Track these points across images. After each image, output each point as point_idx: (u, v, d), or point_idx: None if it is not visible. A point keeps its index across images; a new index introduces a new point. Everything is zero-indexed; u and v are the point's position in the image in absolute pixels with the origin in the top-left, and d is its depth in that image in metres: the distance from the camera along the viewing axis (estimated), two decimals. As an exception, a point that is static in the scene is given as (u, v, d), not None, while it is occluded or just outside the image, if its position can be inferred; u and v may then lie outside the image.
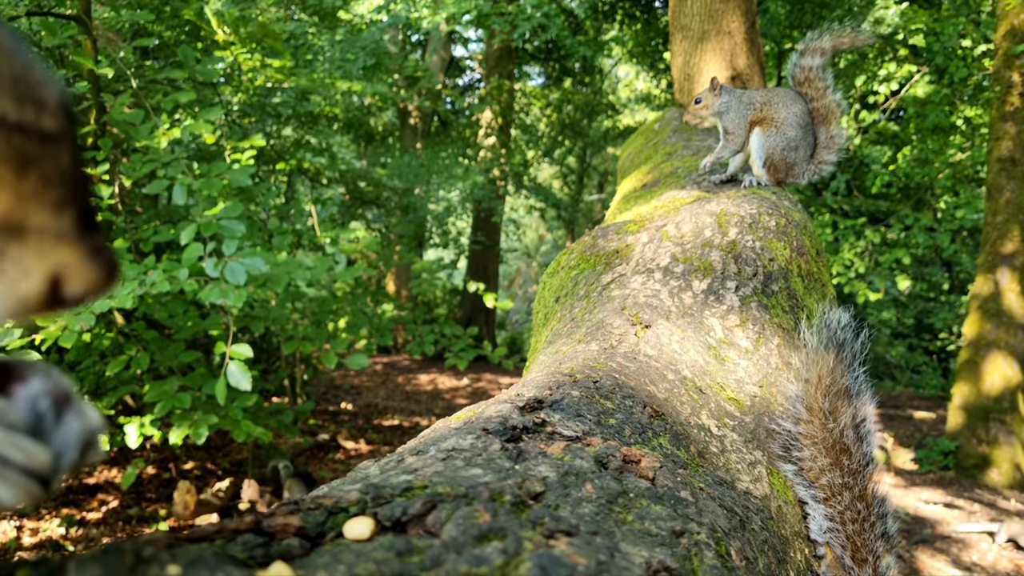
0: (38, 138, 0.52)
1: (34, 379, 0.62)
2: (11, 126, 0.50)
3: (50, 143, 0.53)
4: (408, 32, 15.71)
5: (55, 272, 0.54)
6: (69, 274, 0.55)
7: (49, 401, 0.61)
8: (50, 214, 0.53)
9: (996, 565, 5.42)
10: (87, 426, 0.62)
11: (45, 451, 0.58)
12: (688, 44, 4.93)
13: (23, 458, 0.56)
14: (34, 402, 0.61)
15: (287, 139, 10.03)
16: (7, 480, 0.56)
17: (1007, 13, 7.97)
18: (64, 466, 0.60)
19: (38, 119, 0.52)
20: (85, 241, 0.55)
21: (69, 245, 0.54)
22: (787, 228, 2.34)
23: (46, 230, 0.53)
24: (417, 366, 13.95)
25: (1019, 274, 7.67)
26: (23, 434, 0.58)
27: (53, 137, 0.53)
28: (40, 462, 0.57)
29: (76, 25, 4.63)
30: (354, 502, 0.78)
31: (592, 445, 1.09)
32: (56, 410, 0.61)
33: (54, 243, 0.54)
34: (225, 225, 3.81)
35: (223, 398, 3.65)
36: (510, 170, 15.47)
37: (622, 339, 1.81)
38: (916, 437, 9.49)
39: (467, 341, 6.66)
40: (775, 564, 1.19)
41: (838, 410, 1.60)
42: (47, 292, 0.54)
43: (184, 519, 5.24)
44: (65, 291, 0.55)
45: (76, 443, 0.61)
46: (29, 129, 0.51)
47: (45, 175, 0.53)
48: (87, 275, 0.55)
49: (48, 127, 0.53)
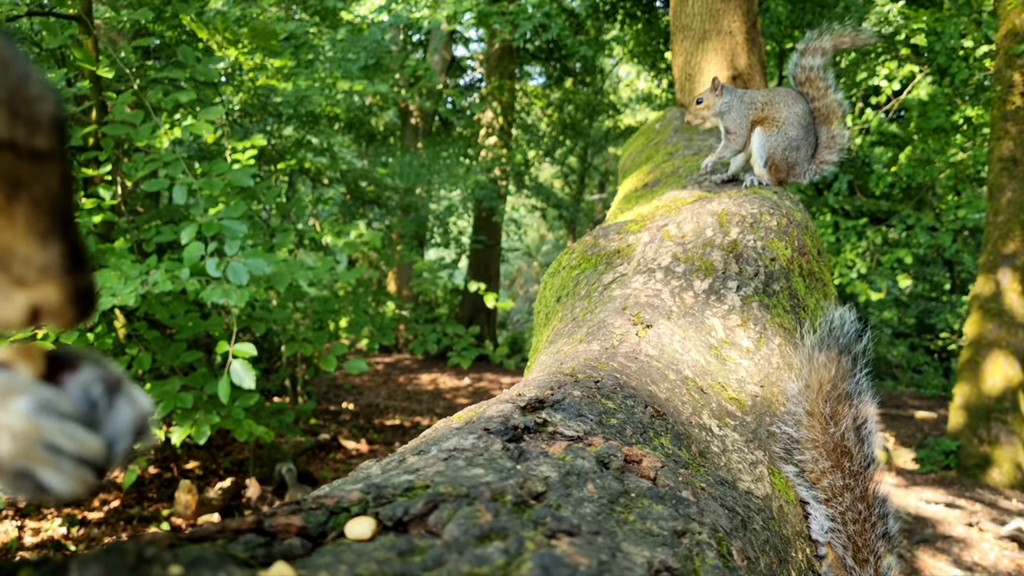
0: (30, 157, 0.51)
1: (85, 367, 0.61)
2: (3, 144, 0.49)
3: (41, 162, 0.52)
4: (409, 32, 15.71)
5: (35, 306, 0.53)
6: (49, 311, 0.54)
7: (101, 388, 0.61)
8: (37, 245, 0.52)
9: (997, 565, 5.42)
10: (139, 411, 0.62)
11: (97, 439, 0.58)
12: (689, 44, 4.93)
13: (76, 447, 0.56)
14: (86, 390, 0.60)
15: (288, 139, 10.04)
16: (61, 470, 0.55)
17: (1008, 13, 7.96)
18: (118, 453, 0.60)
19: (30, 137, 0.51)
20: (69, 279, 0.54)
21: (53, 281, 0.53)
22: (788, 228, 2.34)
23: (31, 261, 0.52)
24: (418, 366, 13.95)
25: (1020, 274, 7.66)
26: (76, 422, 0.57)
27: (44, 156, 0.52)
28: (93, 450, 0.57)
29: (77, 24, 4.63)
30: (356, 502, 0.78)
31: (594, 445, 1.09)
32: (108, 397, 0.61)
33: (38, 277, 0.53)
34: (227, 225, 3.81)
35: (226, 397, 3.65)
36: (511, 170, 15.47)
37: (623, 339, 1.81)
38: (917, 437, 9.48)
39: (469, 340, 6.66)
40: (777, 564, 1.19)
41: (839, 414, 1.60)
42: (27, 318, 0.54)
43: (186, 519, 5.25)
44: (42, 320, 0.55)
45: (129, 430, 0.61)
46: (21, 148, 0.50)
47: (35, 199, 0.51)
48: (66, 315, 0.55)
49: (40, 146, 0.51)
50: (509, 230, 20.75)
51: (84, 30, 4.64)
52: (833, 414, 1.60)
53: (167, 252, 5.30)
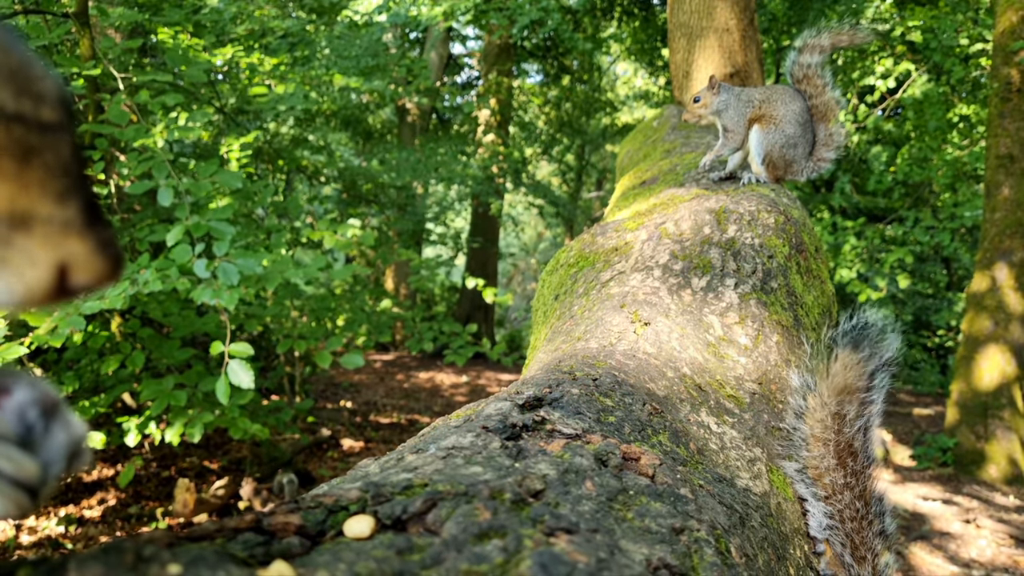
0: (37, 128, 0.52)
1: (20, 390, 0.62)
2: (10, 116, 0.51)
3: (49, 133, 0.53)
4: (407, 30, 15.69)
5: (62, 262, 0.54)
6: (76, 264, 0.55)
7: (37, 411, 0.61)
8: (55, 204, 0.53)
9: (994, 561, 5.43)
10: (74, 436, 0.62)
11: (34, 462, 0.58)
12: (686, 41, 4.92)
13: (12, 469, 0.56)
14: (22, 413, 0.61)
15: (285, 136, 10.02)
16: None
17: (1005, 10, 7.97)
18: (52, 476, 0.60)
19: (36, 110, 0.52)
20: (92, 232, 0.55)
21: (76, 235, 0.54)
22: (786, 225, 2.34)
23: (52, 219, 0.53)
24: (416, 364, 13.95)
25: (1017, 270, 7.68)
26: (12, 445, 0.58)
27: (52, 128, 0.53)
28: (29, 473, 0.57)
29: (74, 22, 4.61)
30: (354, 500, 0.78)
31: (592, 443, 1.09)
32: (44, 421, 0.61)
33: (61, 233, 0.54)
34: (215, 226, 3.79)
35: (225, 397, 3.64)
36: (509, 167, 15.46)
37: (621, 337, 1.81)
38: (915, 434, 9.51)
39: (466, 338, 6.65)
40: (775, 561, 1.20)
41: (856, 414, 1.59)
42: (54, 282, 0.54)
43: (184, 517, 5.25)
44: (72, 281, 0.55)
45: (63, 453, 0.61)
46: (28, 120, 0.52)
47: (47, 165, 0.53)
48: (94, 266, 0.55)
49: (47, 118, 0.53)
50: (507, 227, 20.75)
51: (81, 27, 4.62)
52: (853, 415, 1.60)
53: (163, 252, 5.29)
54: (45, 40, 4.45)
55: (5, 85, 0.50)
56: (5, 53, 0.51)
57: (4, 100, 0.50)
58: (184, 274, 3.78)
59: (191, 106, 6.28)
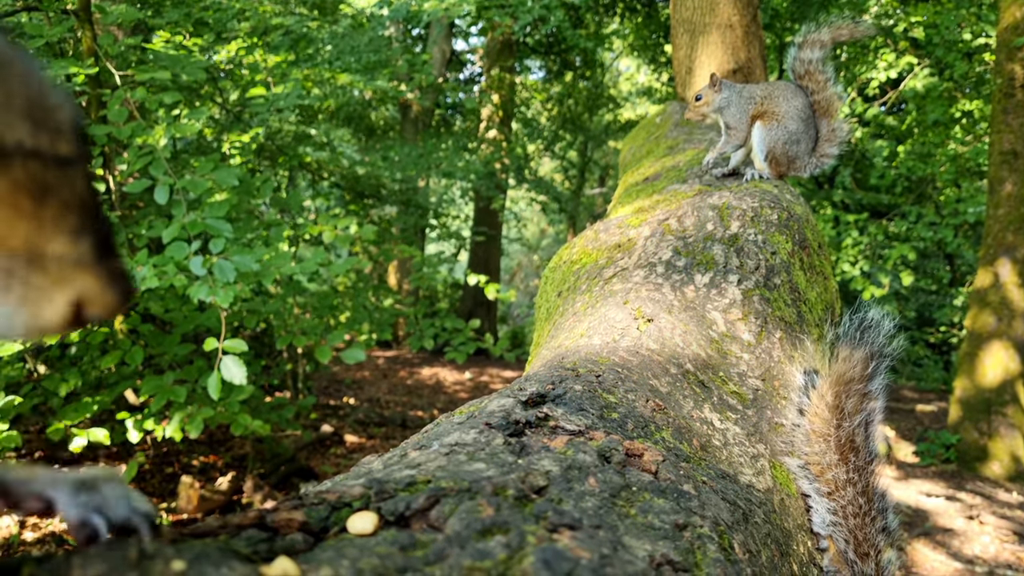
0: (55, 164, 0.52)
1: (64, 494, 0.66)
2: (28, 153, 0.50)
3: (66, 168, 0.53)
4: (409, 26, 15.68)
5: (76, 299, 0.55)
6: (89, 300, 0.56)
7: None
8: (69, 242, 0.54)
9: (998, 558, 5.43)
10: None
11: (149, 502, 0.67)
12: (689, 37, 4.91)
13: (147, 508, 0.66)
14: None
15: (288, 133, 10.01)
16: None
17: (1008, 6, 7.94)
18: None
19: (54, 145, 0.52)
20: (103, 267, 0.56)
21: (88, 272, 0.55)
22: (789, 222, 2.33)
23: (66, 258, 0.54)
24: (419, 360, 13.96)
25: (1020, 266, 7.66)
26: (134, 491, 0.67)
27: (68, 161, 0.53)
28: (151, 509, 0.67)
29: (76, 19, 4.61)
30: (357, 497, 0.78)
31: (595, 439, 1.09)
32: None
33: (74, 271, 0.54)
34: (211, 224, 3.79)
35: (217, 393, 3.65)
36: (511, 163, 15.45)
37: (624, 333, 1.81)
38: (918, 430, 9.50)
39: (468, 335, 6.65)
40: (778, 557, 1.19)
41: (857, 410, 1.59)
42: (70, 316, 0.55)
43: (187, 514, 5.26)
44: (86, 315, 0.56)
45: None
46: (45, 155, 0.51)
47: (63, 201, 0.53)
48: (105, 301, 0.56)
49: (64, 152, 0.53)
50: (509, 224, 20.74)
51: (83, 23, 4.62)
52: (852, 409, 1.60)
53: (164, 248, 5.29)
54: (46, 38, 4.44)
55: (24, 120, 0.50)
56: (23, 83, 0.50)
57: (22, 137, 0.50)
58: (181, 271, 3.79)
59: (192, 103, 6.28)
